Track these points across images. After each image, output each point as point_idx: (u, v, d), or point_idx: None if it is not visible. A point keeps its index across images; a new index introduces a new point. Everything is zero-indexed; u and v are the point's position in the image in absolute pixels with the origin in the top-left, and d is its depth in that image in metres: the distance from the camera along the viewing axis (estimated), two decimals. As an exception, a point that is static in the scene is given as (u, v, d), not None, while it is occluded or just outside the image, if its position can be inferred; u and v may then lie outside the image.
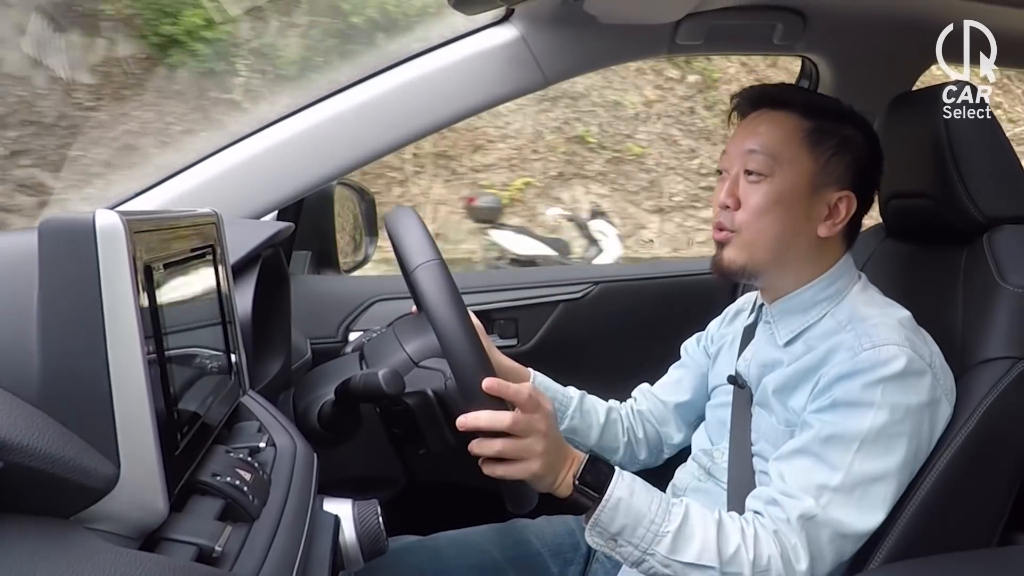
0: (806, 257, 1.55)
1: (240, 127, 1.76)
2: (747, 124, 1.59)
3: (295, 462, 1.14)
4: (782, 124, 1.54)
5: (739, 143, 1.57)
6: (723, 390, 1.71)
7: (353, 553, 1.24)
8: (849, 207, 1.53)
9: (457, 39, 1.83)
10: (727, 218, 1.55)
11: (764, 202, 1.51)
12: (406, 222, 1.39)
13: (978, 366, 1.50)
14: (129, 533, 0.76)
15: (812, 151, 1.52)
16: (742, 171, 1.54)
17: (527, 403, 1.33)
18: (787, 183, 1.51)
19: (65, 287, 0.73)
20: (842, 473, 1.36)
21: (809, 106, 1.55)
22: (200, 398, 0.96)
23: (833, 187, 1.52)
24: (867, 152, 1.56)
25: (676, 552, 1.35)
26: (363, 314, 2.16)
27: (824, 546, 1.36)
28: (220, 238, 1.15)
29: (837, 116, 1.56)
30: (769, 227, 1.52)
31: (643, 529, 1.36)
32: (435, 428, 1.42)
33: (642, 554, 1.37)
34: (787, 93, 1.60)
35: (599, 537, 1.39)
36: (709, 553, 1.34)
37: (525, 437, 1.33)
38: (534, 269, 4.19)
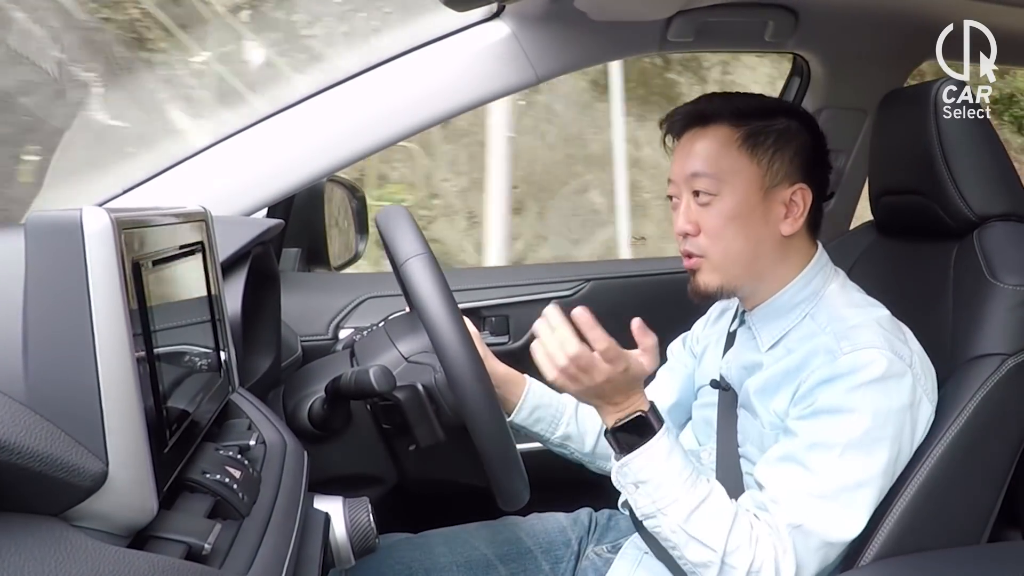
0: (777, 260, 1.54)
1: (229, 124, 1.76)
2: (682, 146, 1.58)
3: (285, 459, 1.14)
4: (714, 138, 1.53)
5: (680, 167, 1.55)
6: (709, 390, 1.71)
7: (344, 551, 1.24)
8: (805, 199, 1.52)
9: (448, 36, 1.83)
10: (692, 245, 1.54)
11: (720, 221, 1.51)
12: (397, 219, 1.39)
13: (968, 362, 1.50)
14: (118, 531, 0.76)
15: (752, 156, 1.51)
16: (691, 195, 1.54)
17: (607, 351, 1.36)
18: (736, 195, 1.50)
19: (52, 284, 0.73)
20: (826, 479, 1.36)
21: (736, 112, 1.54)
22: (189, 396, 0.95)
23: (784, 184, 1.52)
24: (808, 139, 1.55)
25: (688, 523, 1.36)
26: (354, 312, 2.15)
27: (810, 554, 1.37)
28: (209, 235, 1.15)
29: (767, 113, 1.55)
30: (732, 244, 1.51)
31: (665, 489, 1.38)
32: (425, 422, 1.42)
33: (657, 511, 1.38)
34: (710, 106, 1.57)
35: (623, 478, 1.42)
36: (717, 538, 1.35)
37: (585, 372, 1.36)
38: (525, 266, 4.19)
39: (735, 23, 1.96)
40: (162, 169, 1.72)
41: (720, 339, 1.74)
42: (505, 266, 4.84)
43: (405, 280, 1.35)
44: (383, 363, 1.47)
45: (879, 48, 2.11)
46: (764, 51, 2.32)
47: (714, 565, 1.35)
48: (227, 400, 1.16)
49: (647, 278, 2.42)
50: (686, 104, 1.63)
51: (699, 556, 1.36)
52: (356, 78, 1.80)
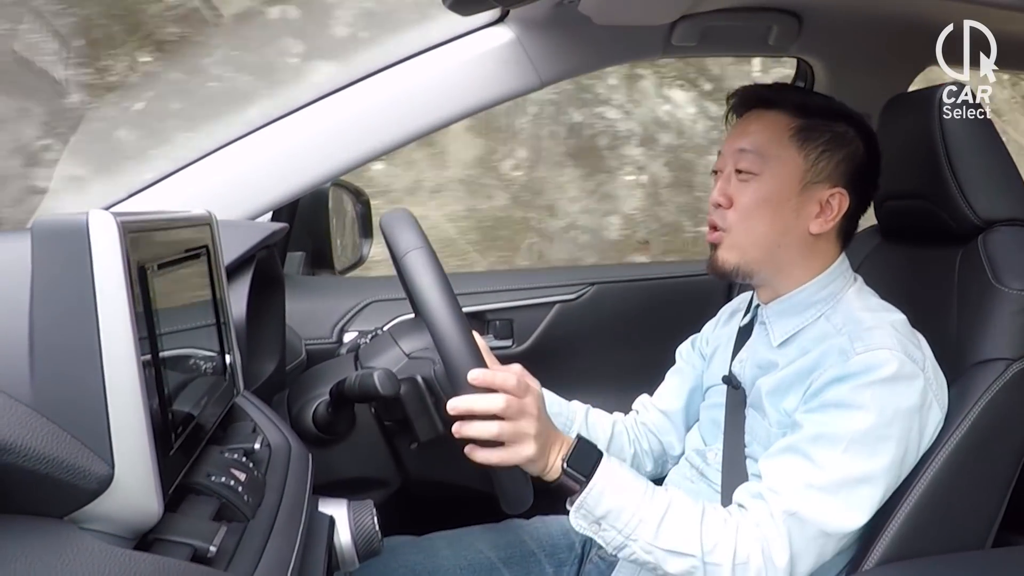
0: (799, 255, 1.55)
1: (233, 128, 1.76)
2: (740, 124, 1.60)
3: (290, 463, 1.14)
4: (771, 123, 1.55)
5: (732, 143, 1.58)
6: (717, 390, 1.71)
7: (348, 554, 1.24)
8: (841, 204, 1.53)
9: (452, 40, 1.83)
10: (719, 216, 1.56)
11: (753, 200, 1.52)
12: (399, 219, 1.39)
13: (973, 367, 1.50)
14: (123, 533, 0.76)
15: (801, 148, 1.52)
16: (733, 170, 1.55)
17: (517, 388, 1.33)
18: (775, 181, 1.52)
19: (59, 288, 0.73)
20: (828, 472, 1.36)
21: (800, 105, 1.56)
22: (194, 399, 0.95)
23: (824, 184, 1.53)
24: (861, 149, 1.56)
25: (658, 539, 1.35)
26: (358, 315, 2.16)
27: (807, 543, 1.36)
28: (214, 239, 1.15)
29: (828, 113, 1.56)
30: (758, 225, 1.52)
31: (627, 514, 1.36)
32: (425, 416, 1.42)
33: (625, 539, 1.37)
34: (778, 93, 1.60)
35: (583, 520, 1.40)
36: (691, 542, 1.34)
37: (518, 420, 1.33)
38: (530, 270, 4.18)
39: (739, 27, 1.96)
40: (167, 173, 1.72)
41: (730, 340, 1.74)
42: (510, 270, 4.84)
43: (403, 273, 1.35)
44: (385, 362, 1.48)
45: (883, 53, 2.11)
46: (768, 55, 2.33)
47: (697, 570, 1.35)
48: (232, 403, 1.17)
49: (652, 281, 2.42)
50: (755, 85, 1.65)
51: (680, 566, 1.36)
52: (360, 82, 1.81)
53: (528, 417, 1.34)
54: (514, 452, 1.33)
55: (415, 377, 1.43)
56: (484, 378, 1.30)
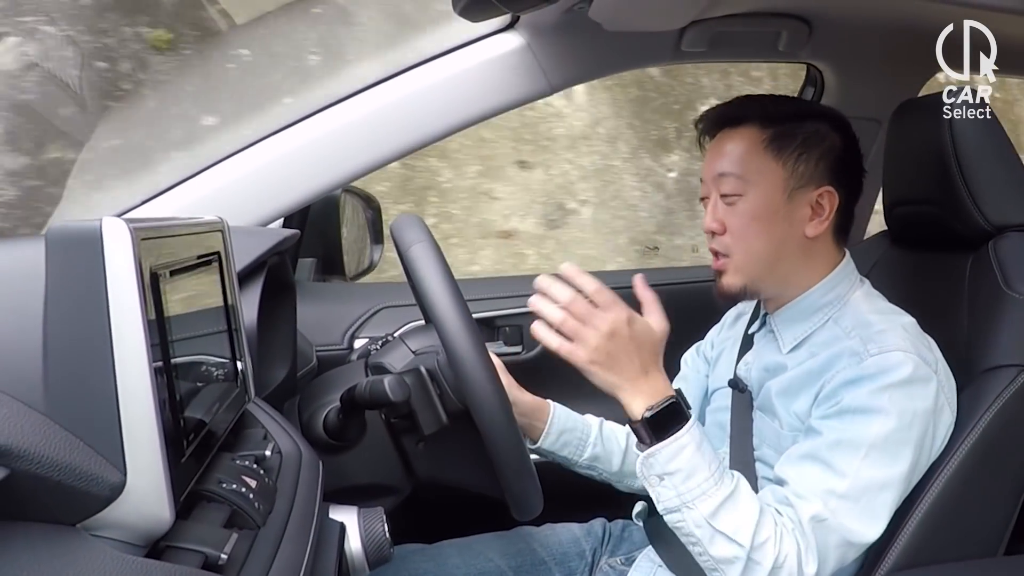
0: (800, 262, 1.55)
1: (244, 135, 1.77)
2: (713, 147, 1.61)
3: (300, 469, 1.14)
4: (742, 139, 1.55)
5: (710, 168, 1.58)
6: (722, 394, 1.71)
7: (358, 561, 1.24)
8: (832, 202, 1.53)
9: (462, 46, 1.83)
10: (718, 244, 1.56)
11: (744, 221, 1.53)
12: (407, 222, 1.39)
13: (984, 374, 1.50)
14: (135, 540, 0.76)
15: (777, 158, 1.53)
16: (719, 195, 1.56)
17: (597, 293, 1.38)
18: (760, 196, 1.52)
19: (72, 294, 0.73)
20: (850, 479, 1.35)
21: (765, 115, 1.56)
22: (206, 405, 0.96)
23: (809, 187, 1.53)
24: (837, 142, 1.56)
25: (715, 518, 1.35)
26: (369, 321, 2.16)
27: (830, 551, 1.36)
28: (226, 245, 1.15)
29: (796, 116, 1.56)
30: (755, 244, 1.53)
31: (693, 482, 1.36)
32: (429, 408, 1.42)
33: (681, 504, 1.36)
34: (742, 108, 1.60)
35: (648, 470, 1.39)
36: (745, 533, 1.34)
37: (585, 324, 1.37)
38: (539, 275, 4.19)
39: (748, 33, 1.96)
40: (180, 180, 1.72)
41: (736, 343, 1.74)
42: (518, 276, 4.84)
43: (407, 267, 1.36)
44: (392, 359, 1.48)
45: (893, 58, 2.10)
46: (778, 61, 2.32)
47: (740, 561, 1.34)
48: (243, 410, 1.17)
49: (660, 287, 2.41)
50: (719, 105, 1.65)
51: (725, 551, 1.34)
52: (370, 89, 1.81)
53: (593, 326, 1.37)
54: (570, 348, 1.38)
55: (419, 368, 1.43)
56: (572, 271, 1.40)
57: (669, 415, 1.39)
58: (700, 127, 1.66)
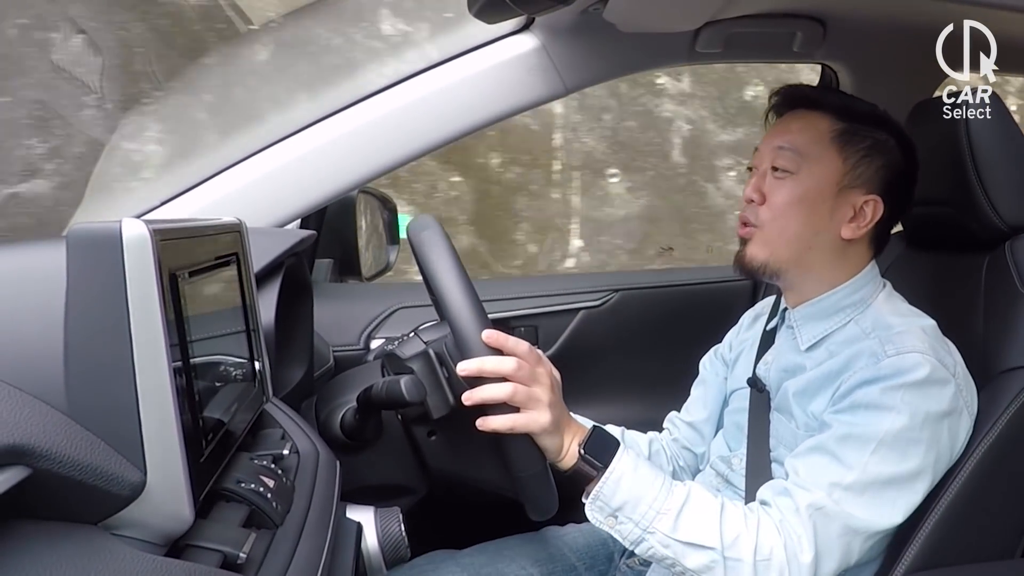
0: (829, 259, 1.54)
1: (262, 136, 1.77)
2: (780, 122, 1.60)
3: (318, 469, 1.15)
4: (814, 123, 1.55)
5: (770, 140, 1.57)
6: (741, 395, 1.71)
7: (375, 560, 1.25)
8: (876, 211, 1.52)
9: (478, 48, 1.84)
10: (752, 213, 1.55)
11: (788, 199, 1.52)
12: (424, 223, 1.40)
13: (1001, 375, 1.49)
14: (155, 539, 0.77)
15: (841, 151, 1.52)
16: (770, 167, 1.55)
17: (529, 354, 1.33)
18: (812, 181, 1.51)
19: (92, 295, 0.74)
20: (856, 472, 1.34)
21: (843, 108, 1.56)
22: (224, 406, 0.96)
23: (860, 189, 1.52)
24: (900, 159, 1.55)
25: (677, 531, 1.34)
26: (385, 322, 2.16)
27: (832, 540, 1.34)
28: (244, 246, 1.16)
29: (871, 120, 1.55)
30: (791, 224, 1.52)
31: (645, 506, 1.35)
32: (437, 391, 1.42)
33: (642, 532, 1.35)
34: (823, 94, 1.61)
35: (599, 512, 1.38)
36: (711, 535, 1.33)
37: (531, 385, 1.32)
38: (554, 276, 4.19)
39: (763, 34, 1.96)
40: (198, 181, 1.73)
41: (754, 344, 1.74)
42: (533, 276, 4.85)
43: (416, 253, 1.36)
44: (404, 350, 1.49)
45: (908, 58, 2.10)
46: (793, 61, 2.32)
47: (717, 564, 1.32)
48: (261, 410, 1.17)
49: (676, 288, 2.42)
50: (800, 84, 1.65)
51: (699, 560, 1.33)
52: (387, 90, 1.81)
53: (541, 385, 1.33)
54: (528, 418, 1.32)
55: (427, 351, 1.43)
56: (497, 338, 1.31)
57: (600, 442, 1.40)
58: (774, 100, 1.65)
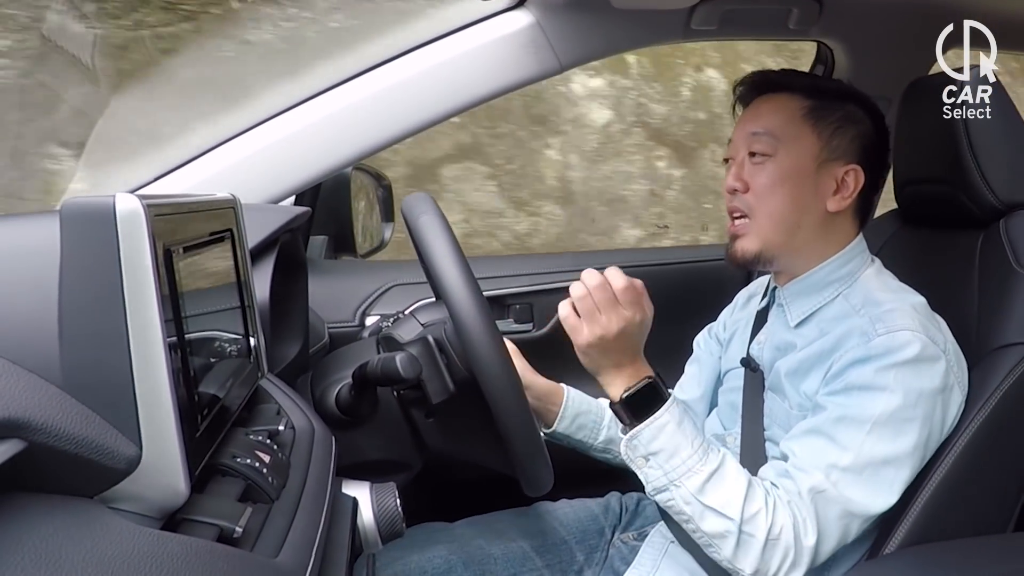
0: (817, 235, 1.55)
1: (256, 112, 1.77)
2: (750, 109, 1.62)
3: (313, 445, 1.15)
4: (784, 105, 1.56)
5: (743, 127, 1.59)
6: (735, 374, 1.71)
7: (371, 535, 1.25)
8: (857, 180, 1.54)
9: (472, 24, 1.83)
10: (739, 201, 1.56)
11: (770, 181, 1.53)
12: (419, 200, 1.40)
13: (995, 352, 1.49)
14: (151, 513, 0.77)
15: (815, 127, 1.54)
16: (747, 155, 1.56)
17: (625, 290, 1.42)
18: (791, 160, 1.52)
19: (86, 270, 0.74)
20: (853, 454, 1.36)
21: (810, 87, 1.58)
22: (220, 381, 0.96)
23: (839, 161, 1.54)
24: (871, 127, 1.57)
25: (703, 493, 1.37)
26: (380, 299, 2.16)
27: (831, 523, 1.36)
28: (238, 222, 1.16)
29: (838, 94, 1.58)
30: (778, 206, 1.53)
31: (679, 460, 1.39)
32: (437, 377, 1.42)
33: (669, 483, 1.39)
34: (788, 76, 1.62)
35: (632, 451, 1.43)
36: (734, 506, 1.35)
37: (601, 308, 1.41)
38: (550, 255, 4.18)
39: (759, 11, 1.95)
40: (192, 157, 1.73)
41: (748, 323, 1.74)
42: (529, 254, 4.84)
43: (415, 238, 1.36)
44: (401, 332, 1.49)
45: (903, 36, 2.10)
46: (788, 39, 2.32)
47: (731, 535, 1.35)
48: (256, 386, 1.17)
49: (671, 266, 2.42)
50: (764, 71, 1.65)
51: (716, 526, 1.36)
52: (381, 67, 1.81)
53: (611, 314, 1.41)
54: (575, 324, 1.43)
55: (426, 337, 1.44)
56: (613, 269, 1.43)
57: (647, 396, 1.43)
58: (739, 90, 1.67)
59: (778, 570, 1.35)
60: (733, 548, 1.36)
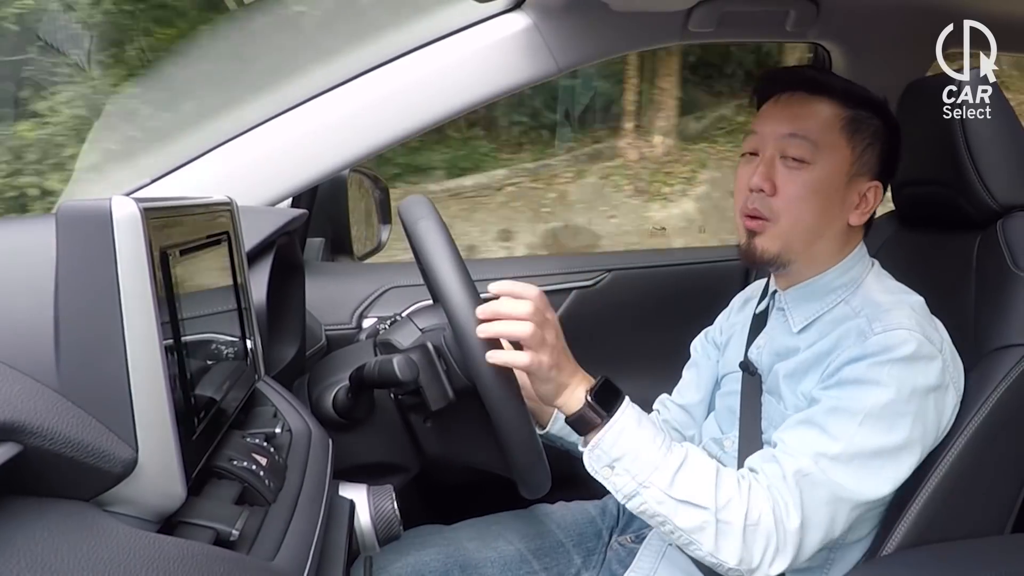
0: (833, 245, 1.54)
1: (254, 115, 1.77)
2: (784, 106, 1.55)
3: (310, 447, 1.15)
4: (821, 110, 1.52)
5: (775, 125, 1.53)
6: (733, 378, 1.71)
7: (368, 538, 1.25)
8: (876, 196, 1.53)
9: (470, 26, 1.83)
10: (762, 204, 1.51)
11: (804, 190, 1.49)
12: (417, 203, 1.40)
13: (992, 353, 1.50)
14: (148, 516, 0.77)
15: (850, 140, 1.50)
16: (778, 155, 1.52)
17: (539, 298, 1.33)
18: (826, 171, 1.49)
19: (83, 273, 0.74)
20: (843, 443, 1.35)
21: (847, 94, 1.53)
22: (216, 384, 0.96)
23: (866, 177, 1.52)
24: (893, 143, 1.55)
25: (673, 487, 1.33)
26: (377, 301, 2.16)
27: (818, 507, 1.35)
28: (235, 225, 1.16)
29: (872, 106, 1.54)
30: (807, 216, 1.50)
31: (643, 460, 1.35)
32: (436, 383, 1.42)
33: (637, 486, 1.35)
34: (827, 78, 1.56)
35: (597, 462, 1.38)
36: (706, 495, 1.33)
37: (542, 328, 1.32)
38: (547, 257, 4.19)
39: (756, 13, 1.95)
40: (189, 159, 1.73)
41: (745, 326, 1.74)
42: (527, 256, 4.85)
43: (413, 244, 1.36)
44: (400, 337, 1.48)
45: (900, 38, 2.10)
46: (785, 41, 2.32)
47: (709, 525, 1.32)
48: (253, 388, 1.17)
49: (669, 268, 2.42)
50: (801, 66, 1.64)
51: (691, 520, 1.33)
52: (378, 69, 1.81)
53: (550, 327, 1.34)
54: (534, 357, 1.32)
55: (426, 344, 1.44)
56: (511, 287, 1.32)
57: (609, 390, 1.40)
58: (764, 82, 1.62)
59: (762, 558, 1.33)
60: (713, 539, 1.33)
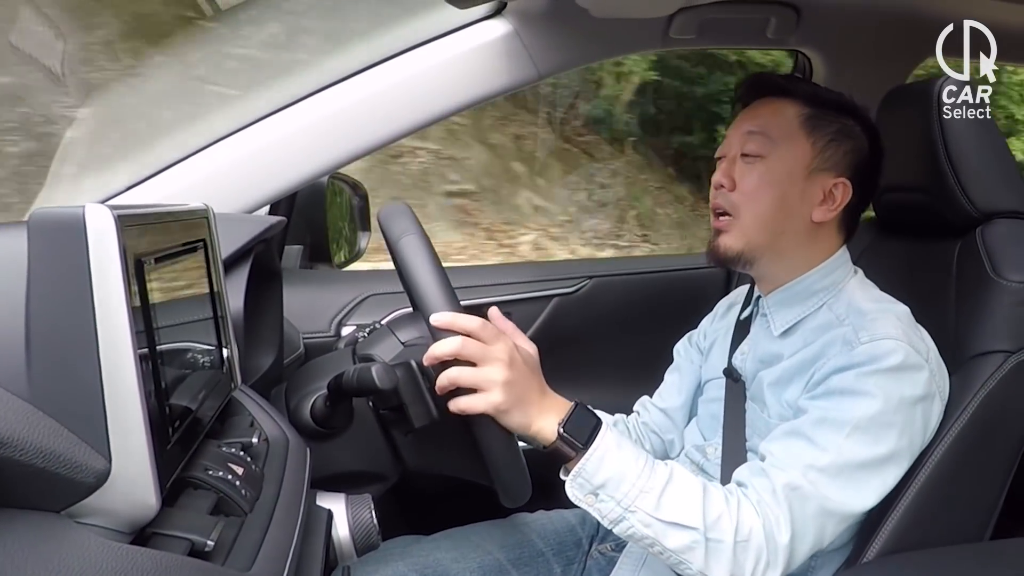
0: (800, 243, 1.55)
1: (231, 121, 1.76)
2: (749, 110, 1.61)
3: (287, 456, 1.14)
4: (782, 109, 1.56)
5: (739, 126, 1.59)
6: (716, 384, 1.71)
7: (346, 548, 1.24)
8: (845, 194, 1.54)
9: (450, 33, 1.83)
10: (723, 199, 1.56)
11: (758, 182, 1.53)
12: (396, 211, 1.39)
13: (971, 360, 1.50)
14: (121, 527, 0.76)
15: (810, 135, 1.53)
16: (739, 153, 1.56)
17: (481, 330, 1.30)
18: (782, 164, 1.52)
19: (55, 281, 0.73)
20: (831, 455, 1.35)
21: (811, 95, 1.57)
22: (192, 393, 0.95)
23: (830, 172, 1.53)
24: (866, 145, 1.57)
25: (660, 510, 1.31)
26: (356, 309, 2.16)
27: (807, 521, 1.34)
28: (211, 232, 1.15)
29: (838, 106, 1.57)
30: (763, 207, 1.52)
31: (628, 484, 1.32)
32: (419, 402, 1.41)
33: (623, 511, 1.32)
34: (792, 82, 1.61)
35: (580, 490, 1.35)
36: (694, 515, 1.31)
37: (482, 365, 1.29)
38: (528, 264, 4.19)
39: (737, 20, 1.96)
40: (164, 166, 1.71)
41: (728, 332, 1.74)
42: (508, 263, 4.84)
43: (396, 259, 1.35)
44: (381, 351, 1.47)
45: (881, 45, 2.11)
46: (766, 48, 2.32)
47: (699, 545, 1.30)
48: (229, 397, 1.16)
49: (650, 275, 2.42)
50: (768, 73, 1.66)
51: (680, 540, 1.31)
52: (357, 75, 1.80)
53: (495, 363, 1.29)
54: (481, 399, 1.29)
55: (409, 362, 1.43)
56: (444, 320, 1.28)
57: (582, 418, 1.37)
58: (741, 90, 1.66)
59: (753, 573, 1.32)
60: (703, 558, 1.31)
